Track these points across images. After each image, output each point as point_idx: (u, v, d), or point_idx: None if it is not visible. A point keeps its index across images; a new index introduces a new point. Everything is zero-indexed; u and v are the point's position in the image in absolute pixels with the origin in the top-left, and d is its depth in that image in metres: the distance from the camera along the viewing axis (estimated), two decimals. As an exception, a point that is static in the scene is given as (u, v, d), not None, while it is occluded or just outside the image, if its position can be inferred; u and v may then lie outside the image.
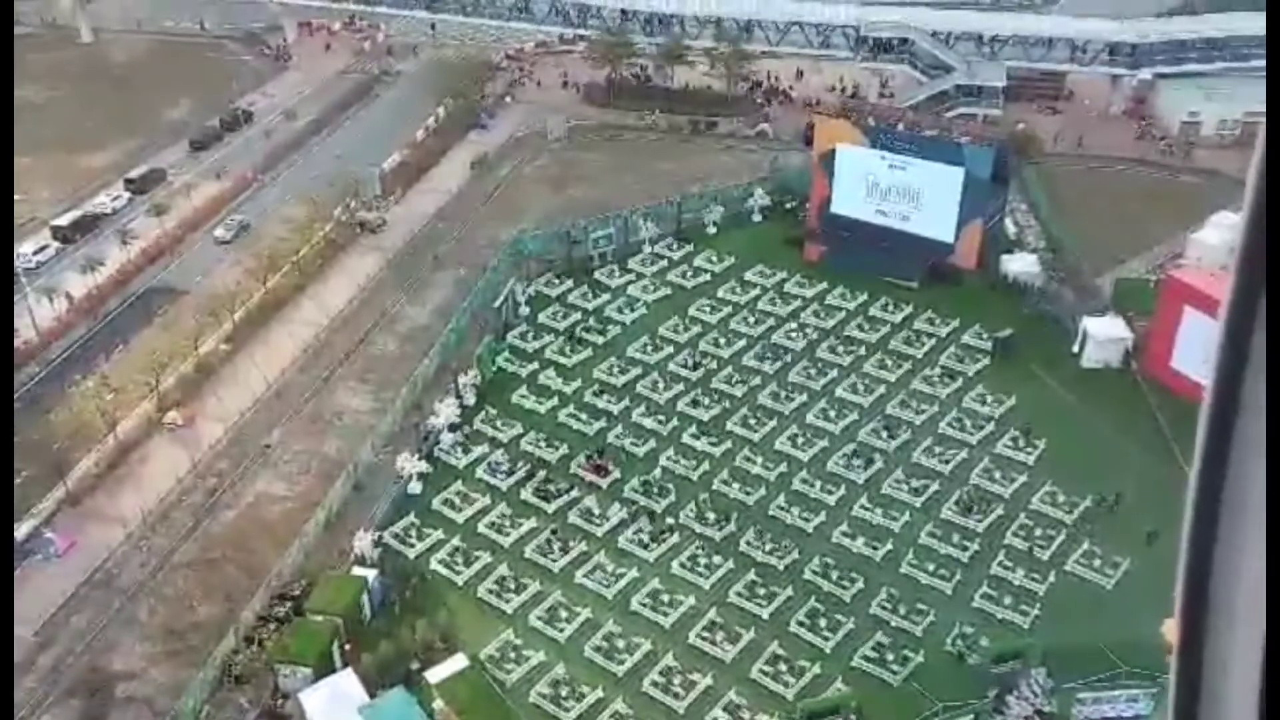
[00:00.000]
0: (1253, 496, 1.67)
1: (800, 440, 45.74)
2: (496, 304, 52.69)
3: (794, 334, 52.48)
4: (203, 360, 48.93)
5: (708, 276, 56.76)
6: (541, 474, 43.54)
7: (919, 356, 50.44)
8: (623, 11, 75.06)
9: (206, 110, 72.78)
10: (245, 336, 51.28)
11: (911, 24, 69.11)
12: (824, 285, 55.41)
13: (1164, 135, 66.29)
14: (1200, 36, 64.97)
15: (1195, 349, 42.76)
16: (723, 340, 52.05)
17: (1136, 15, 70.26)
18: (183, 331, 49.23)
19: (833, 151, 56.96)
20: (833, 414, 47.19)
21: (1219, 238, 49.34)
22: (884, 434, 45.86)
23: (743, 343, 51.88)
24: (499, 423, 46.41)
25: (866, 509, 42.10)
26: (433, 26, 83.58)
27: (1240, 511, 1.69)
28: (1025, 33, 67.86)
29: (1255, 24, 64.78)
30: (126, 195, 62.74)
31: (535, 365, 50.17)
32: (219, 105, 72.85)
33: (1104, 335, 48.53)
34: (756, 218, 61.35)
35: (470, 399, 47.39)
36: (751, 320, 53.45)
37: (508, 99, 76.22)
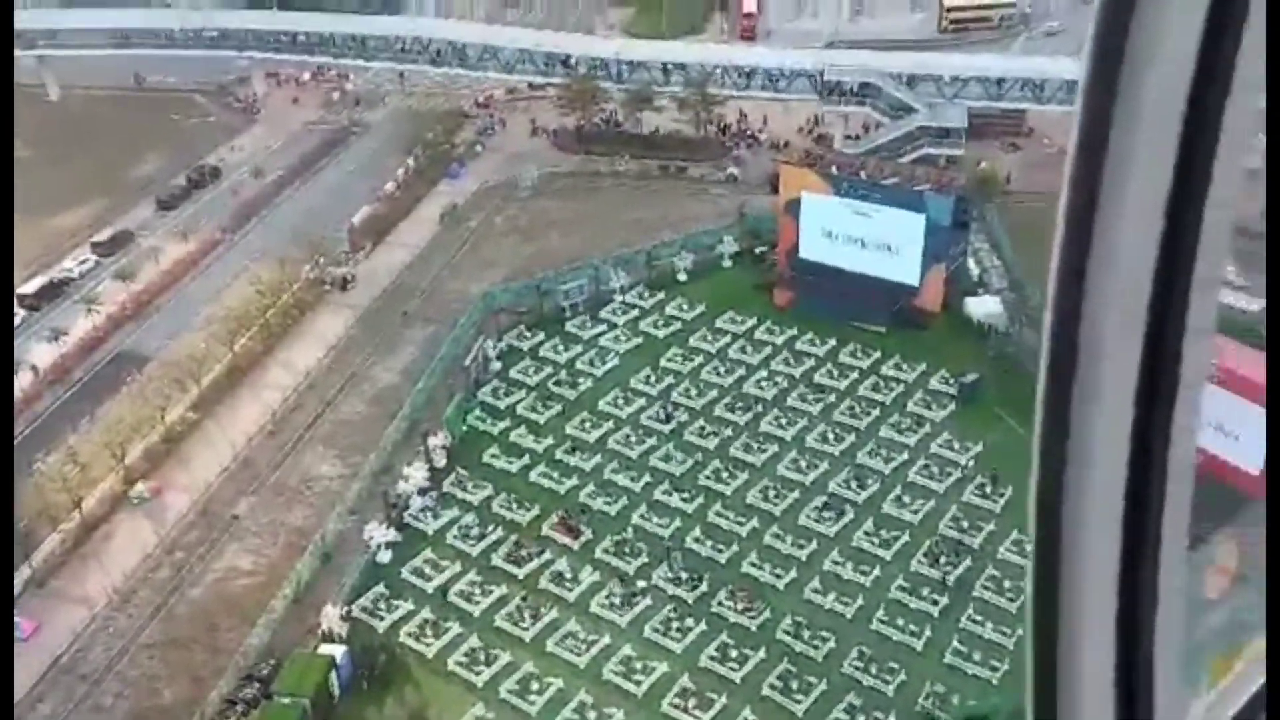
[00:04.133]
0: (1090, 499, 1.75)
1: (772, 493, 45.82)
2: (466, 362, 52.69)
3: (765, 383, 52.66)
4: (169, 429, 48.70)
5: (679, 325, 56.97)
6: (512, 538, 43.45)
7: (887, 403, 50.68)
8: (592, 59, 75.63)
9: (175, 167, 72.79)
10: (212, 403, 51.06)
11: (874, 67, 69.87)
12: (794, 331, 55.68)
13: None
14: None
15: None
16: (694, 391, 52.19)
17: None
18: (149, 400, 49.01)
19: (798, 199, 57.47)
20: (804, 464, 47.33)
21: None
22: (854, 484, 46.02)
23: (714, 393, 52.02)
24: (469, 485, 46.32)
25: (838, 563, 42.18)
26: (401, 76, 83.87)
27: (1080, 521, 1.76)
28: (985, 73, 68.68)
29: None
30: (93, 259, 62.60)
31: (507, 423, 50.16)
32: (187, 162, 72.88)
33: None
34: (727, 264, 61.65)
35: (440, 461, 47.29)
36: (723, 369, 53.63)
37: (478, 148, 76.49)
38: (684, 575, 41.64)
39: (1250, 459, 36.34)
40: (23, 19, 76.66)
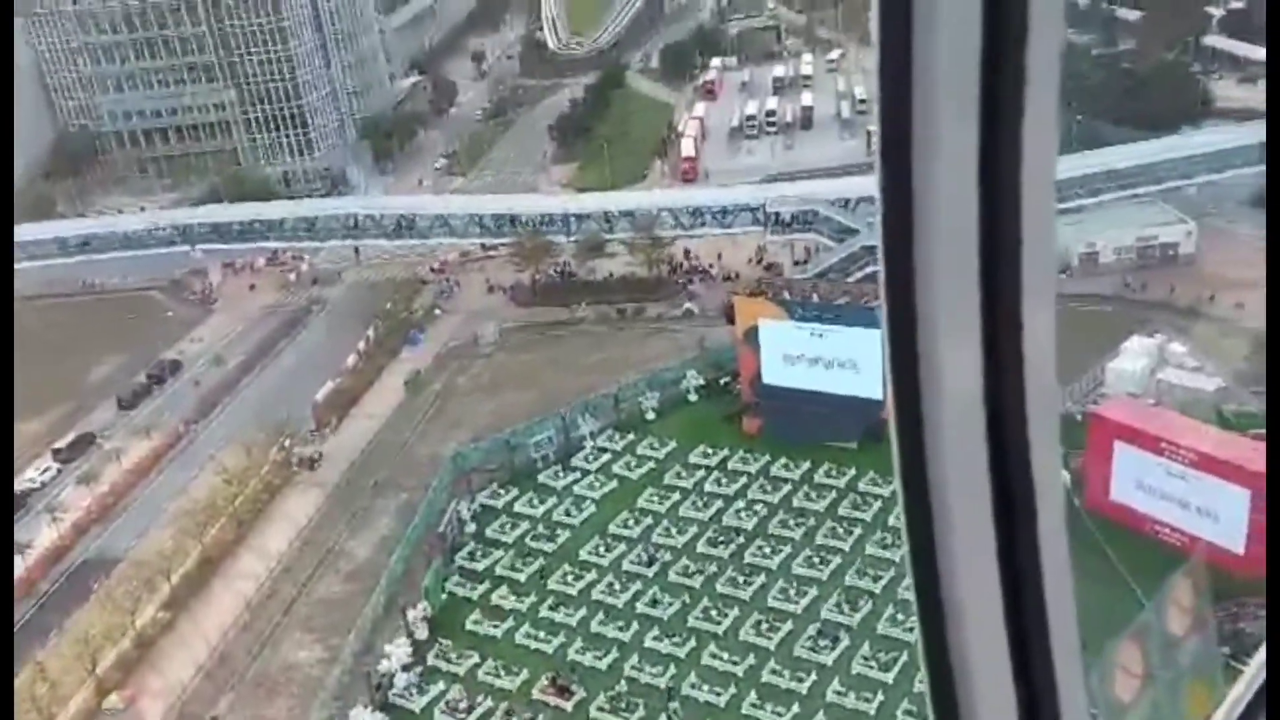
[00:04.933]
0: (956, 504, 1.66)
1: (765, 627, 44.74)
2: (441, 527, 51.85)
3: (744, 512, 52.16)
4: (141, 633, 47.15)
5: (652, 464, 56.67)
6: (502, 707, 41.88)
7: (868, 519, 50.20)
8: (541, 215, 77.87)
9: (135, 364, 72.90)
10: (185, 599, 49.69)
11: (813, 195, 72.43)
12: (766, 457, 55.55)
13: (1065, 268, 68.68)
14: (1085, 173, 68.44)
15: (1132, 480, 43.31)
16: (674, 529, 51.52)
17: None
18: (119, 605, 47.62)
19: (755, 327, 58.32)
20: (793, 593, 46.41)
21: (1135, 364, 50.72)
22: (846, 608, 45.12)
23: (694, 529, 51.39)
24: (454, 655, 44.87)
25: (840, 693, 40.86)
26: (356, 251, 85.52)
27: (949, 529, 1.66)
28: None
29: (1134, 155, 68.94)
30: (55, 467, 61.84)
31: (487, 585, 49.02)
32: (147, 358, 73.07)
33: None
34: (693, 398, 61.95)
35: (422, 633, 45.94)
36: (701, 503, 53.13)
37: (436, 311, 77.51)
38: (684, 725, 40.17)
39: (1231, 538, 36.31)
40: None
